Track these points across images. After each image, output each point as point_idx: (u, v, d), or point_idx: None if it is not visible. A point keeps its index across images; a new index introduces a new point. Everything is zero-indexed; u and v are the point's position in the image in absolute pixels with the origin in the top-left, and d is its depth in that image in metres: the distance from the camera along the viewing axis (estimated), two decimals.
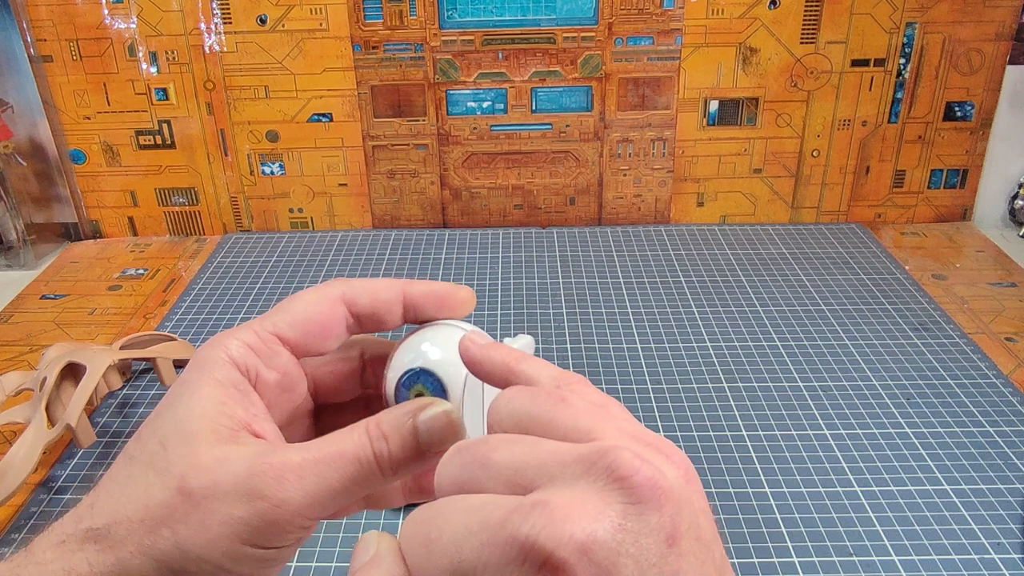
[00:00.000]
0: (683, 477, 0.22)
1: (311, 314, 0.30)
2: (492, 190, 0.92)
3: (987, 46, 0.85)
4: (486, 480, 0.23)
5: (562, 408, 0.24)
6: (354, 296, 0.31)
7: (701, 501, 0.22)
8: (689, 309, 0.75)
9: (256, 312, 0.76)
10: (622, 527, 0.20)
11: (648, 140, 0.89)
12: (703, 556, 0.21)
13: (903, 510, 0.52)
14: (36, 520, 0.53)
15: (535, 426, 0.24)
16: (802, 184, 0.91)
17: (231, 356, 0.28)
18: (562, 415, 0.24)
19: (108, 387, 0.59)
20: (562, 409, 0.24)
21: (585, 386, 0.26)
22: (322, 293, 0.31)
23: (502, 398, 0.26)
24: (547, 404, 0.25)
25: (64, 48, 0.85)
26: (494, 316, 0.74)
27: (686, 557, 0.21)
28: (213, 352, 0.29)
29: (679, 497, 0.21)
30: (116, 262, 0.88)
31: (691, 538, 0.21)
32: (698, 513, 0.22)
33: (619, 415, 0.25)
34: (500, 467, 0.23)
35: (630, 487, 0.21)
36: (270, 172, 0.91)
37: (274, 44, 0.85)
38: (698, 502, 0.22)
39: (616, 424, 0.24)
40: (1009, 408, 0.61)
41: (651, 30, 0.84)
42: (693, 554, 0.21)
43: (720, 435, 0.59)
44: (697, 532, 0.22)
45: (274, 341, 0.30)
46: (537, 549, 0.20)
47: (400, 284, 0.31)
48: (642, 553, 0.20)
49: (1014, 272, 0.82)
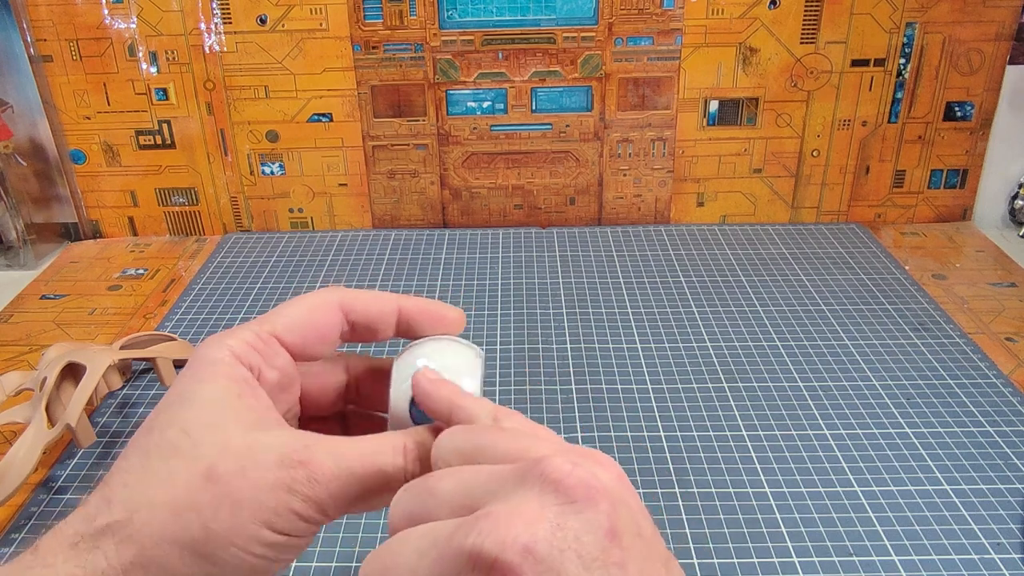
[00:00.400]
0: (616, 479, 0.23)
1: (309, 317, 0.31)
2: (492, 190, 0.92)
3: (987, 46, 0.85)
4: (435, 508, 0.25)
5: (499, 436, 0.26)
6: (352, 303, 0.31)
7: (637, 503, 0.24)
8: (689, 309, 0.75)
9: (256, 312, 0.76)
10: (561, 526, 0.22)
11: (648, 140, 0.89)
12: (646, 551, 0.23)
13: (903, 510, 0.52)
14: (36, 520, 0.53)
15: (476, 455, 0.26)
16: (802, 184, 0.91)
17: (235, 353, 0.29)
18: (501, 441, 0.26)
19: (108, 387, 0.59)
20: (500, 436, 0.26)
21: (519, 418, 0.28)
22: (320, 298, 0.31)
23: (444, 436, 0.27)
24: (485, 435, 0.26)
25: (64, 48, 0.85)
26: (494, 316, 0.74)
27: (628, 551, 0.22)
28: (217, 350, 0.29)
29: (614, 496, 0.23)
30: (116, 262, 0.88)
31: (631, 534, 0.22)
32: (635, 512, 0.23)
33: (552, 437, 0.27)
34: (445, 494, 0.25)
35: (564, 489, 0.22)
36: (270, 172, 0.91)
37: (274, 44, 0.85)
38: (634, 503, 0.24)
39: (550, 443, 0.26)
40: (1009, 408, 0.61)
41: (651, 30, 0.84)
42: (635, 548, 0.22)
43: (720, 435, 0.59)
44: (637, 529, 0.23)
45: (273, 342, 0.30)
46: (484, 555, 0.21)
47: (396, 298, 0.32)
48: (584, 548, 0.21)
49: (1014, 272, 0.82)
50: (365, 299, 0.32)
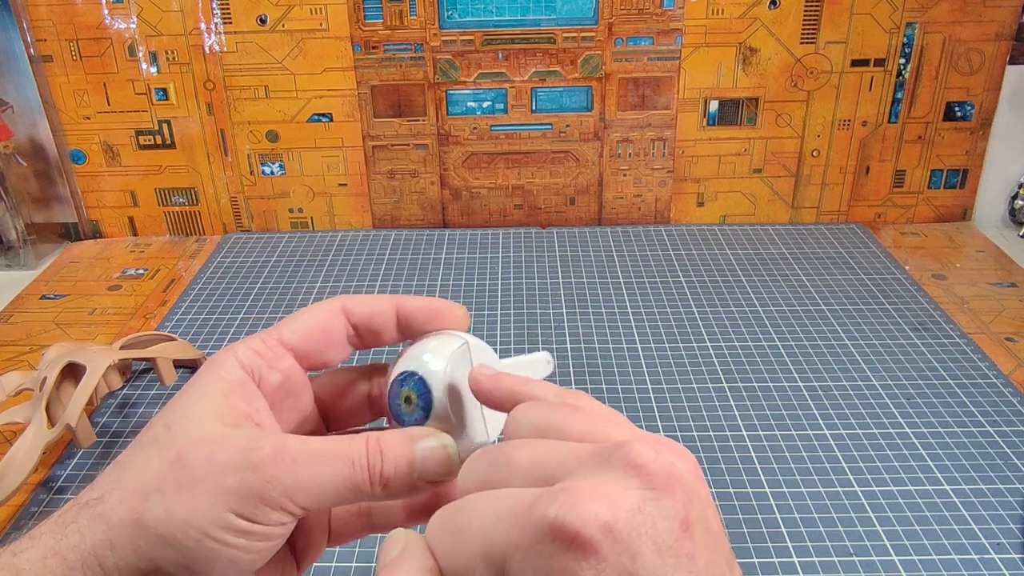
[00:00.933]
0: (692, 471, 0.24)
1: (312, 321, 0.32)
2: (492, 190, 0.92)
3: (987, 46, 0.85)
4: (510, 476, 0.25)
5: (576, 415, 0.26)
6: (352, 306, 0.33)
7: (707, 497, 0.24)
8: (689, 309, 0.75)
9: (256, 312, 0.76)
10: (641, 510, 0.22)
11: (648, 140, 0.89)
12: (713, 545, 0.23)
13: (903, 510, 0.52)
14: (36, 520, 0.52)
15: (552, 432, 0.26)
16: (802, 184, 0.91)
17: (239, 359, 0.30)
18: (577, 421, 0.26)
19: (108, 387, 0.59)
20: (576, 416, 0.26)
21: (589, 399, 0.28)
22: (323, 304, 0.33)
23: (519, 410, 0.28)
24: (562, 413, 0.27)
25: (64, 48, 0.85)
26: (494, 316, 0.74)
27: (699, 544, 0.22)
28: (223, 356, 0.30)
29: (690, 487, 0.23)
30: (116, 262, 0.88)
31: (702, 528, 0.23)
32: (706, 506, 0.23)
33: (625, 423, 0.27)
34: (522, 464, 0.25)
35: (647, 474, 0.23)
36: (270, 172, 0.91)
37: (274, 44, 0.85)
38: (705, 497, 0.24)
39: (626, 427, 0.26)
40: (1009, 408, 0.61)
41: (651, 30, 0.84)
42: (705, 542, 0.23)
43: (720, 435, 0.59)
44: (706, 523, 0.23)
45: (277, 346, 0.31)
46: (565, 528, 0.22)
47: (394, 297, 0.33)
48: (660, 535, 0.22)
49: (1014, 272, 0.82)
50: (364, 300, 0.33)
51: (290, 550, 0.32)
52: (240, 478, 0.26)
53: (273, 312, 0.76)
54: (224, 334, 0.73)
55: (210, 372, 0.30)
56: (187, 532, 0.26)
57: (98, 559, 0.26)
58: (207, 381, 0.29)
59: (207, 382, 0.29)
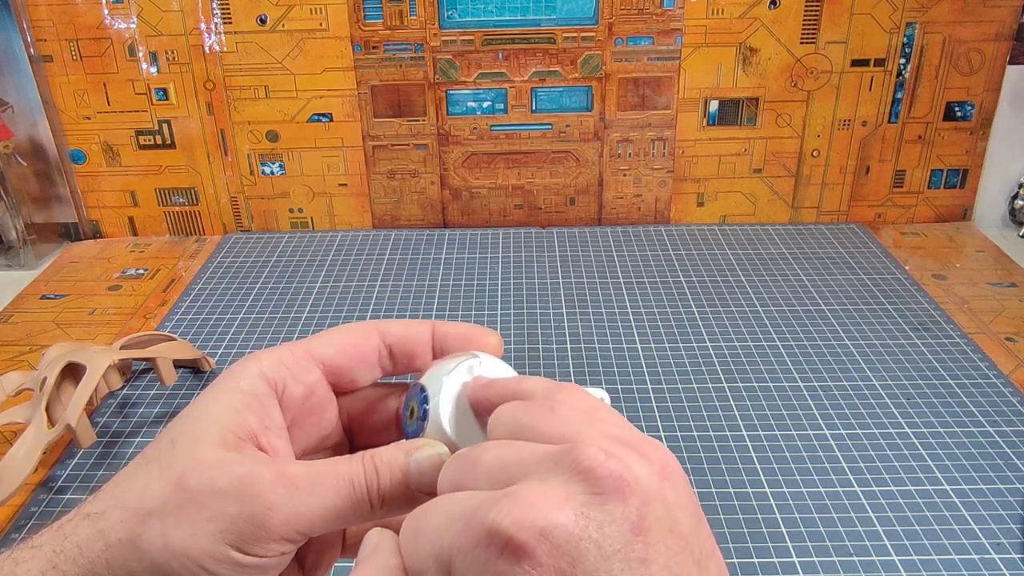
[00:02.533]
0: (657, 473, 0.23)
1: (344, 337, 0.32)
2: (492, 190, 0.92)
3: (987, 46, 0.85)
4: (474, 479, 0.25)
5: (549, 416, 0.26)
6: (388, 327, 0.32)
7: (679, 496, 0.23)
8: (689, 309, 0.75)
9: (256, 312, 0.76)
10: (584, 515, 0.22)
11: (648, 140, 0.89)
12: (677, 547, 0.22)
13: (903, 510, 0.52)
14: (36, 520, 0.53)
15: (525, 433, 0.26)
16: (802, 184, 0.91)
17: (261, 368, 0.30)
18: (548, 422, 0.26)
19: (108, 387, 0.59)
20: (549, 417, 0.26)
21: (575, 393, 0.28)
22: (358, 323, 0.32)
23: (499, 411, 0.27)
24: (536, 413, 0.26)
25: (64, 48, 0.85)
26: (494, 316, 0.74)
27: (655, 547, 0.22)
28: (245, 364, 0.30)
29: (647, 491, 0.23)
30: (116, 262, 0.88)
31: (662, 530, 0.22)
32: (672, 507, 0.23)
33: (606, 418, 0.26)
34: (486, 467, 0.25)
35: (593, 479, 0.22)
36: (270, 172, 0.91)
37: (274, 44, 0.85)
38: (674, 497, 0.23)
39: (599, 427, 0.25)
40: (1009, 408, 0.61)
41: (651, 30, 0.84)
42: (664, 544, 0.22)
43: (720, 435, 0.59)
44: (670, 525, 0.23)
45: (305, 358, 0.31)
46: (500, 533, 0.22)
47: (430, 322, 0.33)
48: (605, 539, 0.22)
49: (1014, 272, 0.82)
50: (400, 322, 0.32)
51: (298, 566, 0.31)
52: (241, 506, 0.26)
53: (273, 312, 0.76)
54: (224, 334, 0.73)
55: (227, 380, 0.29)
56: (182, 562, 0.26)
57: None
58: (221, 391, 0.29)
59: (220, 393, 0.29)
